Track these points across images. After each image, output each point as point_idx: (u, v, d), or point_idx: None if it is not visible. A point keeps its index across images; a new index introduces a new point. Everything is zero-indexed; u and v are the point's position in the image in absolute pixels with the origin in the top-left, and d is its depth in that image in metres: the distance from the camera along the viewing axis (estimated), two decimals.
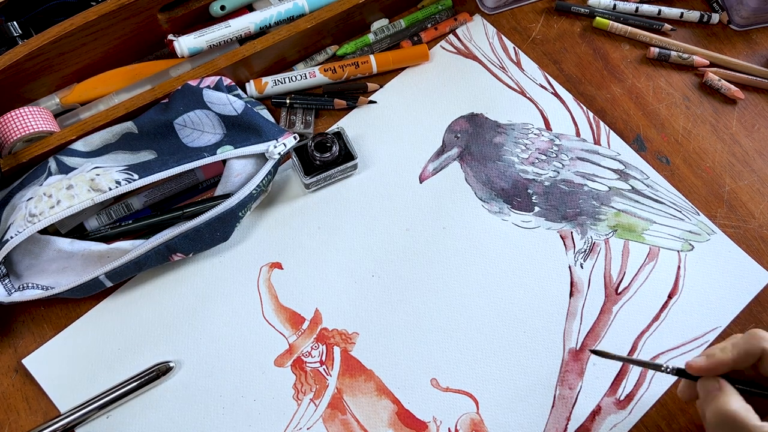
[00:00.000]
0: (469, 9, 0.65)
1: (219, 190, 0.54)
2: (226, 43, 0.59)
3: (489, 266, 0.54)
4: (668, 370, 0.44)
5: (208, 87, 0.55)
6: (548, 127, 0.59)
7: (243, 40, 0.59)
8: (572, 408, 0.50)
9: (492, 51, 0.63)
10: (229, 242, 0.54)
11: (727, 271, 0.54)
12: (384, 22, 0.63)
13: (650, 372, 0.51)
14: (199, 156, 0.52)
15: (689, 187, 0.58)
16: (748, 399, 0.41)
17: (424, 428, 0.49)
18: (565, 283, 0.54)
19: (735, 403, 0.41)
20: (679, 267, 0.54)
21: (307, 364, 0.51)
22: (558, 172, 0.58)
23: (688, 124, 0.60)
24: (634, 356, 0.51)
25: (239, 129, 0.54)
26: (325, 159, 0.54)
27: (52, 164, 0.52)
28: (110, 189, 0.49)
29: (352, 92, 0.61)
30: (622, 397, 0.50)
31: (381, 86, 0.61)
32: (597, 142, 0.59)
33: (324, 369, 0.51)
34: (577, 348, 0.52)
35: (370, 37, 0.62)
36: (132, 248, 0.51)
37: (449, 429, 0.49)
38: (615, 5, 0.64)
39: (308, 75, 0.59)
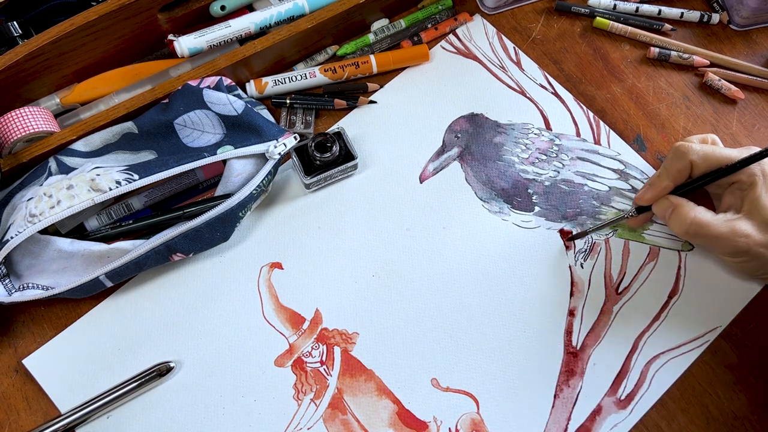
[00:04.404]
0: (469, 9, 0.65)
1: (219, 190, 0.54)
2: (226, 43, 0.59)
3: (489, 266, 0.54)
4: (630, 214, 0.50)
5: (208, 87, 0.55)
6: (548, 127, 0.59)
7: (243, 40, 0.59)
8: (572, 408, 0.50)
9: (492, 51, 0.63)
10: (229, 242, 0.54)
11: (727, 271, 0.54)
12: (384, 22, 0.63)
13: (650, 372, 0.51)
14: (200, 156, 0.52)
15: None
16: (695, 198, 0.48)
17: (425, 428, 0.49)
18: (565, 283, 0.54)
19: (690, 211, 0.47)
20: (679, 267, 0.54)
21: (308, 364, 0.51)
22: (558, 172, 0.58)
23: (688, 124, 0.60)
24: (635, 356, 0.51)
25: (239, 129, 0.54)
26: (326, 159, 0.54)
27: (52, 164, 0.52)
28: (110, 189, 0.49)
29: (352, 92, 0.61)
30: (622, 397, 0.50)
31: (381, 86, 0.61)
32: (597, 142, 0.59)
33: (324, 369, 0.51)
34: (577, 348, 0.52)
35: (370, 37, 0.62)
36: (132, 248, 0.51)
37: (449, 429, 0.49)
38: (615, 5, 0.64)
39: (308, 75, 0.59)
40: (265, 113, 0.57)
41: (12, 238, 0.48)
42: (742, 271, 0.48)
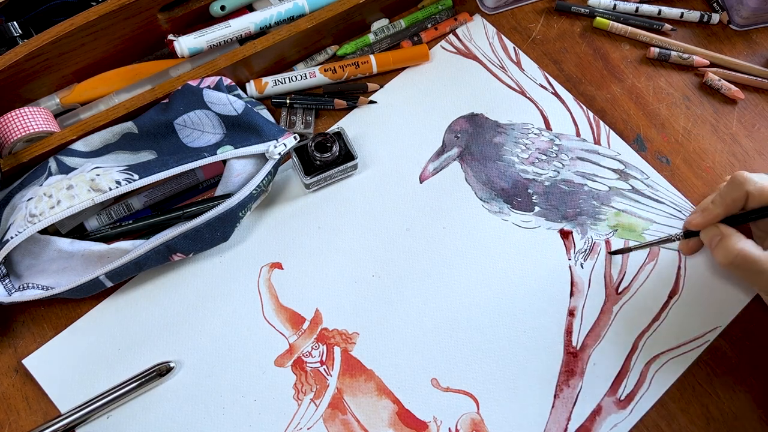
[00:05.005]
0: (469, 9, 0.65)
1: (219, 190, 0.54)
2: (226, 43, 0.59)
3: (489, 266, 0.54)
4: (677, 237, 0.49)
5: (208, 87, 0.55)
6: (548, 127, 0.59)
7: (243, 40, 0.59)
8: (572, 408, 0.50)
9: (492, 51, 0.63)
10: (229, 242, 0.54)
11: (727, 271, 0.54)
12: (384, 22, 0.63)
13: (650, 372, 0.51)
14: (199, 156, 0.52)
15: (689, 187, 0.58)
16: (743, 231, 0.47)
17: (425, 428, 0.49)
18: (565, 283, 0.54)
19: (738, 243, 0.45)
20: (679, 267, 0.54)
21: (308, 364, 0.51)
22: (558, 172, 0.58)
23: (688, 124, 0.60)
24: (635, 356, 0.51)
25: (239, 129, 0.54)
26: (326, 159, 0.54)
27: (52, 164, 0.52)
28: (110, 189, 0.49)
29: (352, 92, 0.61)
30: (622, 397, 0.50)
31: (381, 86, 0.61)
32: (597, 142, 0.59)
33: (324, 369, 0.51)
34: (577, 348, 0.52)
35: (370, 37, 0.62)
36: (132, 248, 0.51)
37: (449, 429, 0.49)
38: (615, 5, 0.64)
39: (308, 75, 0.59)
40: (265, 113, 0.57)
41: (12, 238, 0.48)
42: None
